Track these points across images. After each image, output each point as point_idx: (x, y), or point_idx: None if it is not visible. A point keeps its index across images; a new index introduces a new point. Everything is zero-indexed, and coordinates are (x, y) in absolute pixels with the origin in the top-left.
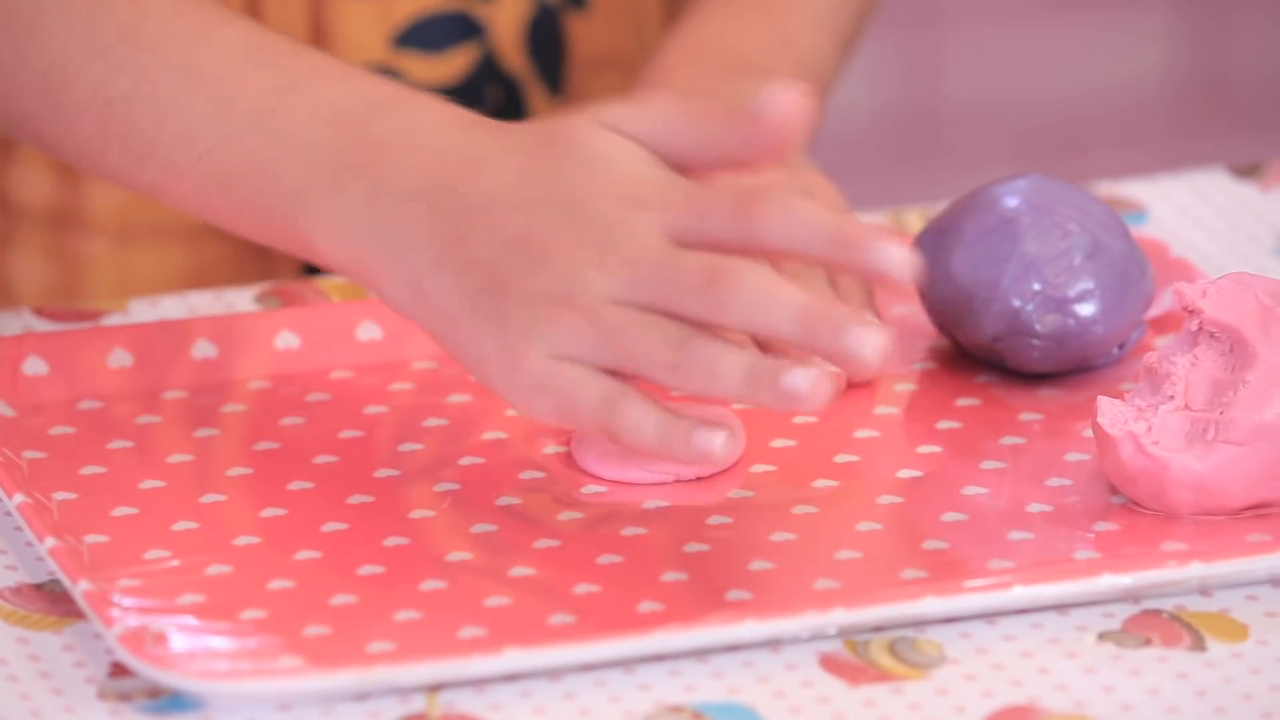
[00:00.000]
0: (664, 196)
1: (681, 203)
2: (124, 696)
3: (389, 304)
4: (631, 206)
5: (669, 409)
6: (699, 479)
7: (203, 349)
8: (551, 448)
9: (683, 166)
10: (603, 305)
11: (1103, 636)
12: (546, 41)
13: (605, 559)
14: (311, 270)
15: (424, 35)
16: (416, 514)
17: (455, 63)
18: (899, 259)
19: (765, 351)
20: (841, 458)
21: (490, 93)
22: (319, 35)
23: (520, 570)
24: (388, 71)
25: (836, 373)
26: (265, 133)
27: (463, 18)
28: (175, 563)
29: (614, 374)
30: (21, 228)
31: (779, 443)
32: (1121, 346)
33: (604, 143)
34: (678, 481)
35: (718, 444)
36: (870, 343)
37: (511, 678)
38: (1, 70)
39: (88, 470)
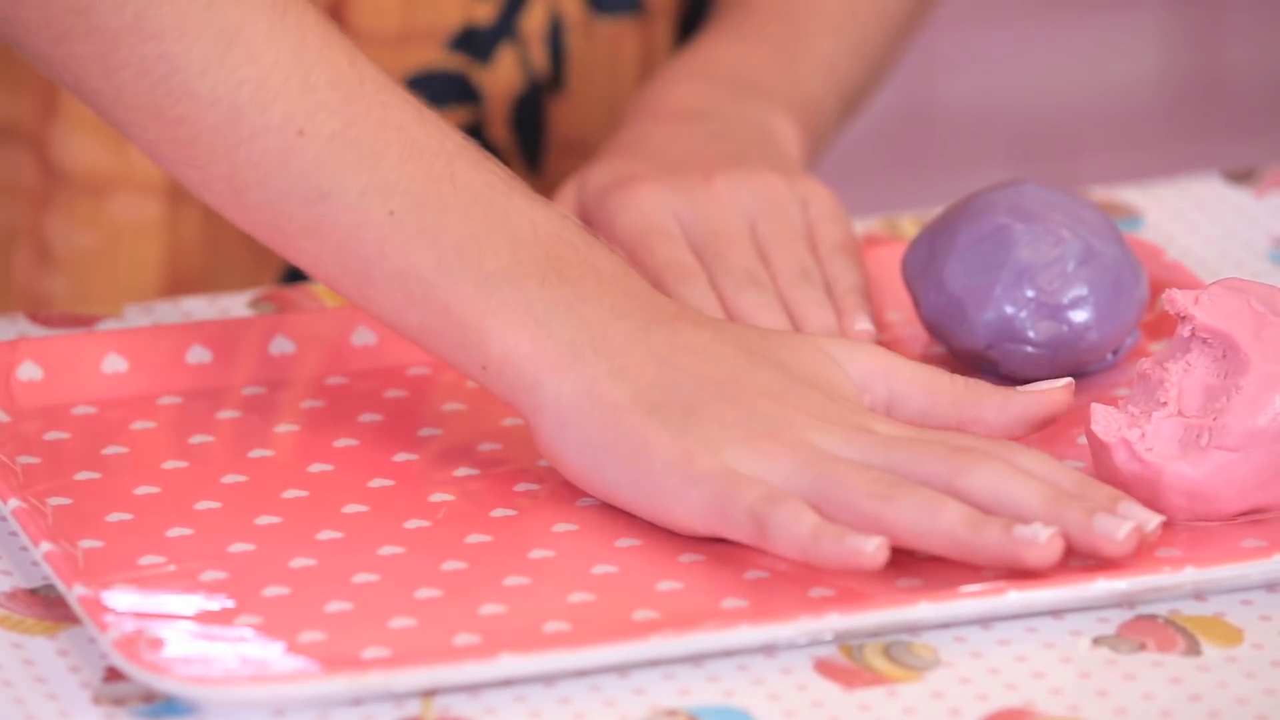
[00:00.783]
0: (873, 421)
1: (893, 433)
2: (119, 701)
3: (540, 403)
4: (843, 409)
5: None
6: None
7: (197, 354)
8: (545, 461)
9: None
10: (811, 442)
11: (1097, 641)
12: (530, 118)
13: (600, 569)
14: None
15: (427, 88)
16: (411, 523)
17: (450, 120)
18: (1118, 533)
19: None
20: None
21: None
22: None
23: (515, 579)
24: None
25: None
26: (469, 207)
27: (461, 80)
28: (170, 568)
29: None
30: (60, 190)
31: None
32: (1115, 353)
33: (827, 365)
34: None
35: (870, 548)
36: (1122, 530)
37: (506, 683)
38: (195, 71)
39: (82, 475)
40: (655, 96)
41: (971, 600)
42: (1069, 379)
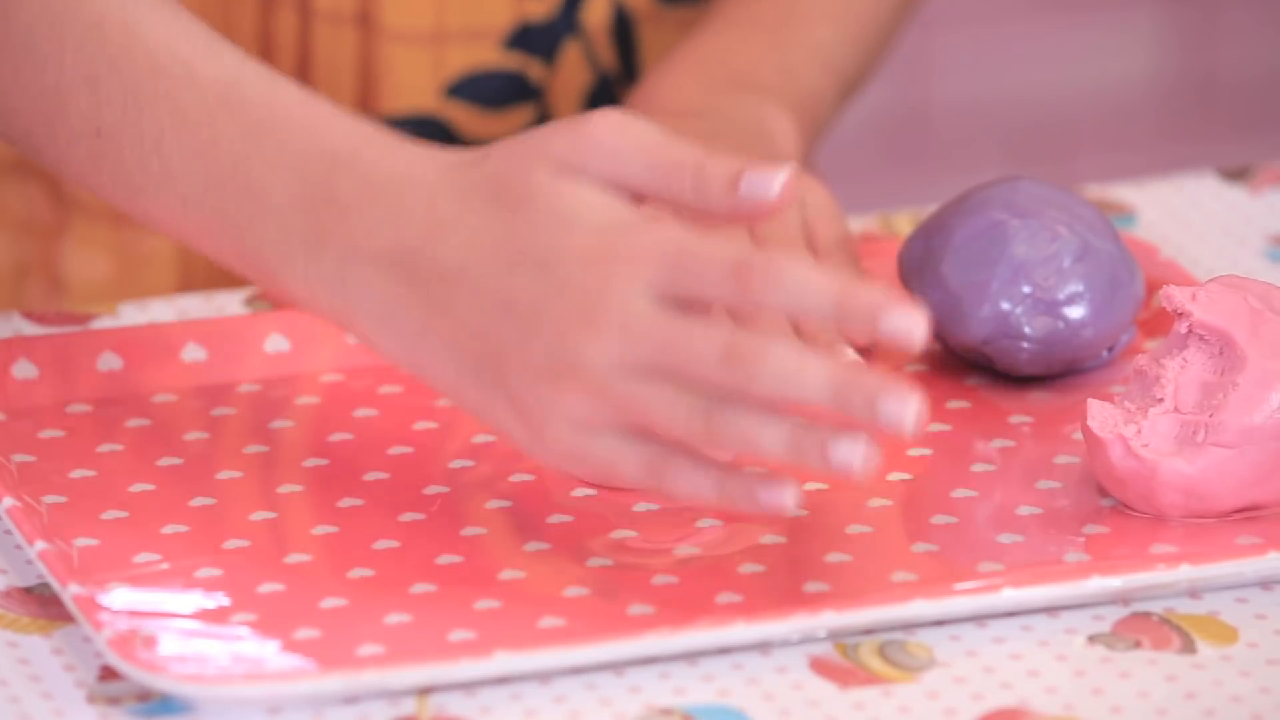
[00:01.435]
0: (644, 249)
1: (668, 259)
2: (114, 700)
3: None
4: (609, 262)
5: (721, 466)
6: None
7: (192, 352)
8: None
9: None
10: (609, 377)
11: (1092, 639)
12: None
13: (595, 562)
14: None
15: (478, 90)
16: (406, 517)
17: (511, 122)
18: (909, 323)
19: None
20: None
21: None
22: (368, 79)
23: (510, 574)
24: (438, 122)
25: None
26: (238, 186)
27: (519, 79)
28: (165, 566)
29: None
30: (74, 219)
31: None
32: (1111, 349)
33: (567, 194)
34: None
35: (788, 499)
36: (908, 410)
37: (502, 680)
38: (1, 89)
39: (77, 474)
40: (651, 94)
41: (966, 598)
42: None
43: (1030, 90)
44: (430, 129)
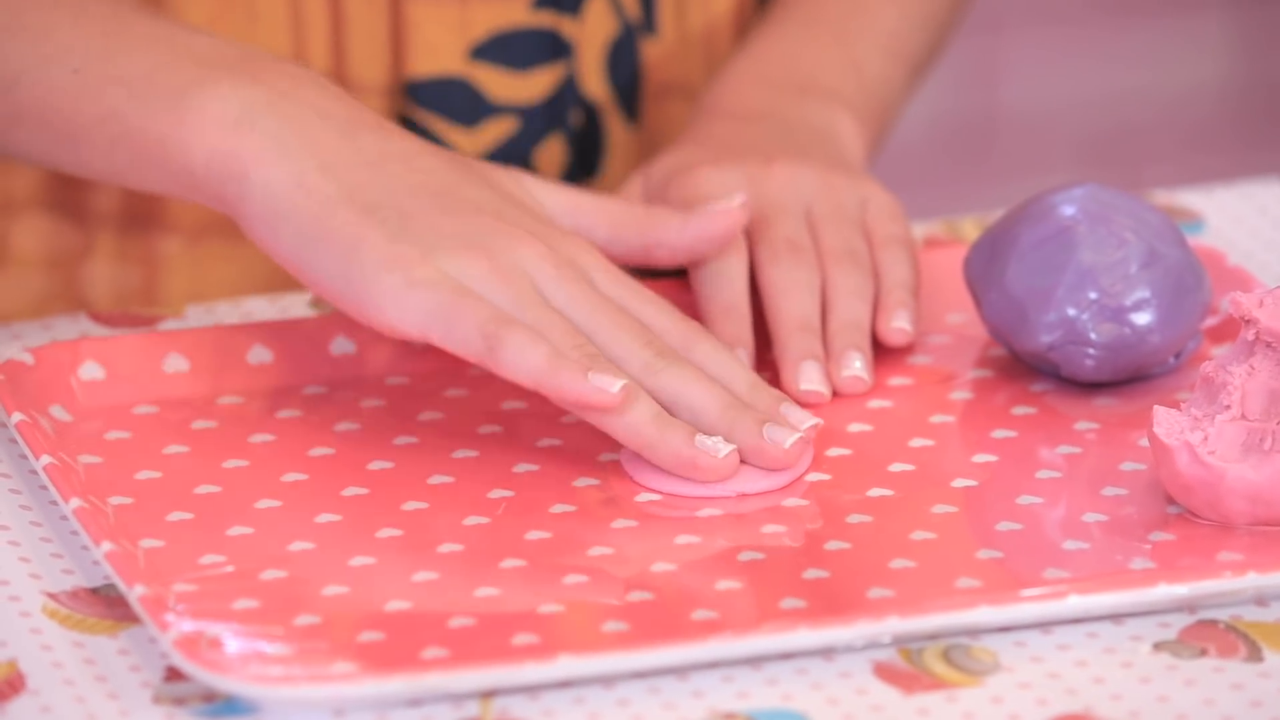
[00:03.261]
0: (590, 260)
1: (605, 286)
2: (179, 701)
3: (247, 201)
4: (560, 234)
5: (558, 348)
6: (759, 493)
7: (258, 354)
8: (606, 455)
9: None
10: (524, 270)
11: (1158, 646)
12: (625, 64)
13: (659, 567)
14: None
15: (506, 50)
16: (470, 520)
17: (539, 83)
18: (785, 441)
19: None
20: (897, 466)
21: (573, 115)
22: (399, 38)
23: (574, 578)
24: (465, 84)
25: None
26: (149, 46)
27: (551, 36)
28: (230, 568)
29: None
30: (100, 234)
31: (834, 451)
32: (1178, 356)
33: (536, 186)
34: (740, 496)
35: (614, 387)
36: (789, 439)
37: (565, 684)
38: None
39: (143, 475)
40: (718, 98)
41: (1031, 604)
42: (742, 195)
43: (1098, 96)
44: (457, 91)
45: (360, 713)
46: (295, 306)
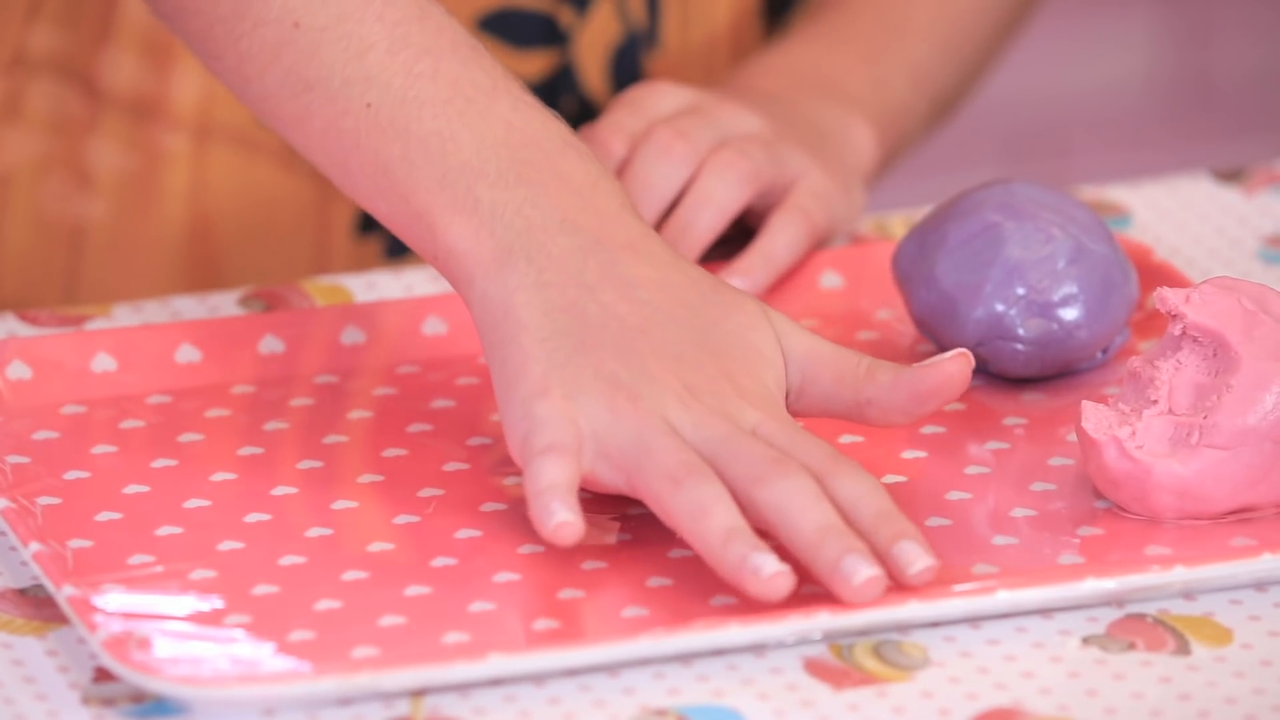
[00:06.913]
0: (746, 409)
1: (757, 425)
2: (108, 702)
3: (471, 298)
4: (740, 397)
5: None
6: None
7: (186, 353)
8: None
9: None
10: (664, 416)
11: (1087, 640)
12: (627, 71)
13: (590, 565)
14: (368, 226)
15: (507, 26)
16: (401, 519)
17: (534, 64)
18: (856, 577)
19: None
20: None
21: (565, 102)
22: None
23: (505, 576)
24: None
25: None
26: (443, 106)
27: (547, 21)
28: (159, 568)
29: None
30: (106, 114)
31: None
32: (1105, 351)
33: (762, 339)
34: None
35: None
36: (860, 575)
37: (496, 682)
38: None
39: (72, 475)
40: (737, 80)
41: (961, 599)
42: (964, 349)
43: (1024, 91)
44: None
45: (291, 712)
46: (224, 305)
